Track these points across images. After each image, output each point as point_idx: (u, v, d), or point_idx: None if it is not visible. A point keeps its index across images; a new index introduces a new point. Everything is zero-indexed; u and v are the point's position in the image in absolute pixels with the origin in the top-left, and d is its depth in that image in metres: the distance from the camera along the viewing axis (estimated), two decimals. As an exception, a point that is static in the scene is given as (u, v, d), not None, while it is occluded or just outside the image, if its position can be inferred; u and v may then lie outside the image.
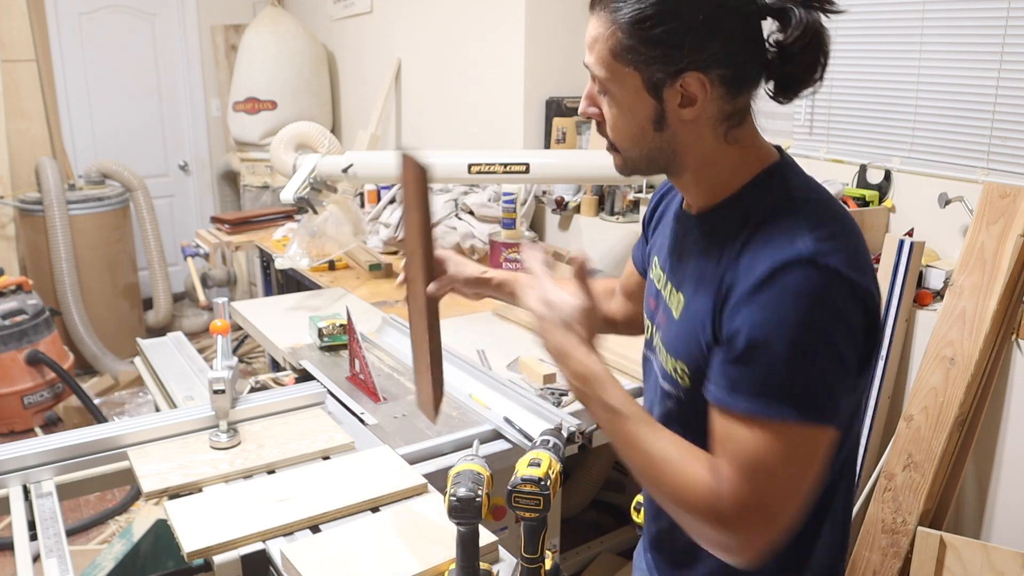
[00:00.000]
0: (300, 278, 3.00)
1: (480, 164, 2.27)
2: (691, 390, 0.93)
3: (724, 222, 0.92)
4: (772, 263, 0.82)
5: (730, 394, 0.84)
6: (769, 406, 0.81)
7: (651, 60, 0.86)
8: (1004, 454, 1.78)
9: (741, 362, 0.83)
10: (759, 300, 0.82)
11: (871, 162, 2.17)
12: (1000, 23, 1.87)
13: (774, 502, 0.83)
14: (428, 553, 1.11)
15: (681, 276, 0.98)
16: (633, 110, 0.90)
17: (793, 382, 0.80)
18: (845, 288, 0.81)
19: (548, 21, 3.01)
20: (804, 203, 0.89)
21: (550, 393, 1.77)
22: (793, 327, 0.80)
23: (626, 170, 0.98)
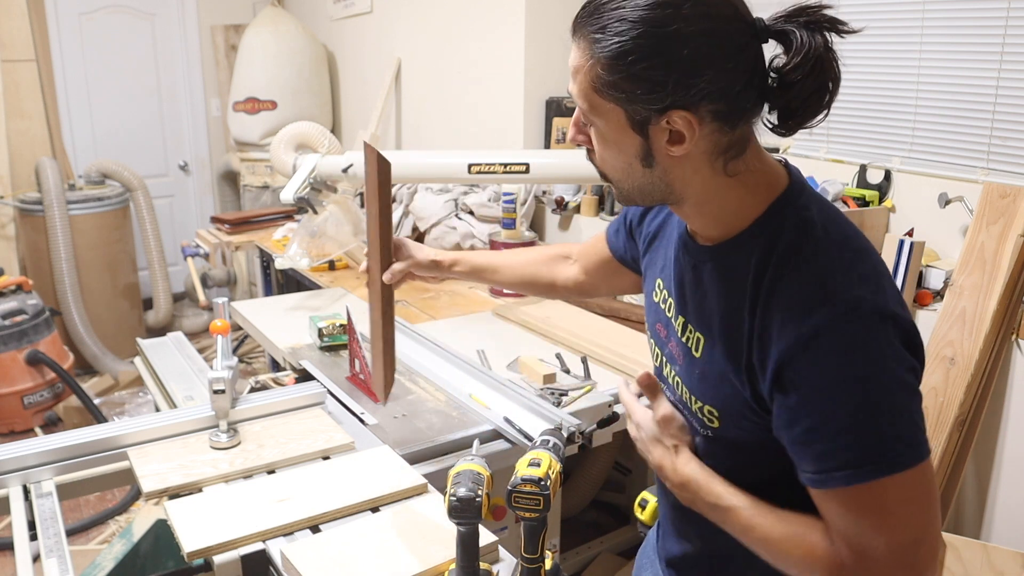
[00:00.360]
0: (300, 278, 3.00)
1: (480, 164, 2.27)
2: (720, 430, 0.92)
3: (742, 259, 0.86)
4: (817, 321, 0.77)
5: (822, 475, 0.79)
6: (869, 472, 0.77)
7: (633, 97, 0.79)
8: (1004, 454, 1.78)
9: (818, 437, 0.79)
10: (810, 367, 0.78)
11: (871, 162, 2.17)
12: (1000, 23, 1.87)
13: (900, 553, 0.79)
14: (428, 553, 1.11)
15: (698, 313, 0.93)
16: (619, 145, 0.85)
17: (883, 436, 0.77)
18: (888, 326, 0.78)
19: (548, 21, 3.01)
20: (826, 237, 0.83)
21: (550, 393, 1.77)
22: (861, 384, 0.76)
23: (623, 200, 0.93)
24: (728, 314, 0.87)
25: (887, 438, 0.77)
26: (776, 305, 0.81)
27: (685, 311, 0.95)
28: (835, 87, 0.82)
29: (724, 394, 0.89)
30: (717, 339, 0.89)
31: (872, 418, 0.76)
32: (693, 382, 0.93)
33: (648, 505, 1.22)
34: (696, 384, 0.93)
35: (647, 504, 1.22)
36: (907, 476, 0.77)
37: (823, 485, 0.80)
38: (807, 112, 0.82)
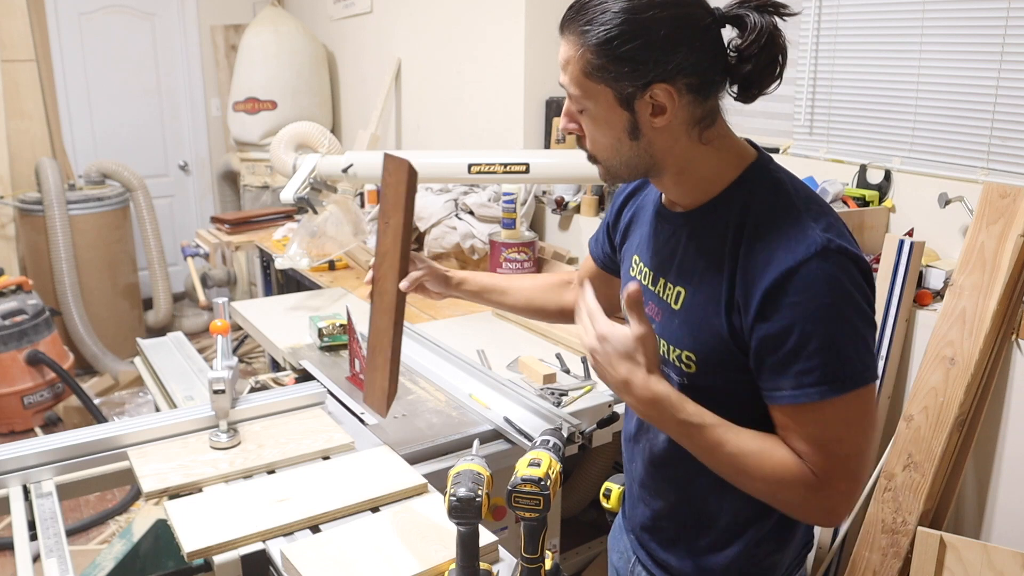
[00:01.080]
0: (300, 278, 3.00)
1: (480, 164, 2.27)
2: (695, 375, 1.01)
3: (719, 218, 0.98)
4: (797, 258, 0.89)
5: (799, 391, 0.91)
6: (838, 387, 0.89)
7: (620, 76, 0.92)
8: (1004, 454, 1.78)
9: (797, 357, 0.90)
10: (793, 296, 0.89)
11: (871, 162, 2.17)
12: (1000, 23, 1.87)
13: (853, 463, 0.92)
14: (428, 553, 1.11)
15: (678, 270, 1.03)
16: (609, 123, 0.97)
17: (847, 355, 0.89)
18: (852, 262, 0.91)
19: (548, 21, 3.01)
20: (796, 195, 0.96)
21: (550, 393, 1.77)
22: (832, 309, 0.89)
23: (609, 178, 1.04)
24: (710, 262, 0.98)
25: (853, 358, 0.90)
26: (759, 248, 0.93)
27: (664, 273, 1.06)
28: (784, 59, 0.95)
29: (704, 337, 0.98)
30: (699, 286, 0.99)
31: (843, 341, 0.89)
32: (672, 332, 1.03)
33: (612, 492, 1.28)
34: (675, 333, 1.02)
35: (611, 492, 1.28)
36: (863, 393, 0.91)
37: (798, 400, 0.91)
38: (763, 82, 0.96)
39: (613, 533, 1.32)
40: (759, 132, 2.52)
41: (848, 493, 0.93)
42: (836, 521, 0.96)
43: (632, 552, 1.21)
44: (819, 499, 0.92)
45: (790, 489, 0.93)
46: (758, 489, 0.95)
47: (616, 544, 1.30)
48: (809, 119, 2.36)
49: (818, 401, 0.90)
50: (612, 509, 1.29)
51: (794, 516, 0.99)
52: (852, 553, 1.88)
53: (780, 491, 0.94)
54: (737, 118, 1.02)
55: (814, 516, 0.97)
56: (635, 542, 1.20)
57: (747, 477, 0.95)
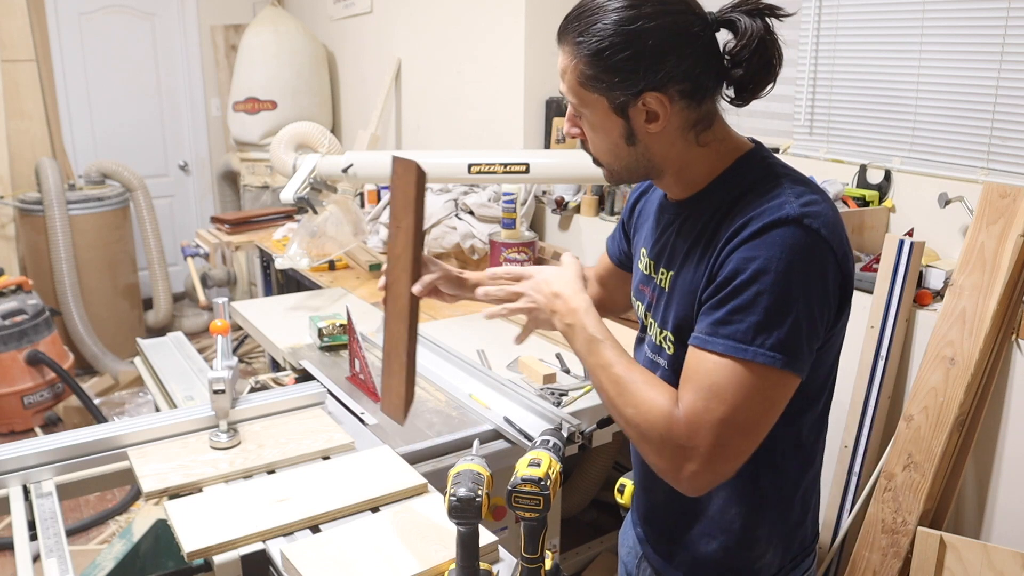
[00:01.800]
0: (300, 278, 3.00)
1: (480, 164, 2.27)
2: (675, 357, 1.02)
3: (707, 203, 1.01)
4: (764, 220, 0.90)
5: (710, 337, 0.91)
6: (744, 350, 0.88)
7: (612, 86, 0.94)
8: (1004, 454, 1.78)
9: (724, 305, 0.90)
10: (748, 249, 0.89)
11: (871, 162, 2.17)
12: (1000, 23, 1.87)
13: (726, 431, 0.89)
14: (428, 553, 1.11)
15: (669, 255, 1.06)
16: (606, 129, 0.99)
17: (770, 328, 0.87)
18: (824, 247, 0.90)
19: (548, 21, 3.01)
20: (784, 175, 0.97)
21: (550, 393, 1.77)
22: (777, 276, 0.87)
23: (612, 180, 1.07)
24: (693, 242, 1.00)
25: (773, 335, 0.87)
26: (734, 216, 0.94)
27: (659, 260, 1.08)
28: (778, 62, 0.96)
29: (680, 315, 1.00)
30: (683, 266, 1.01)
31: (775, 313, 0.87)
32: (660, 314, 1.05)
33: (626, 489, 1.29)
34: (662, 313, 1.05)
35: (625, 488, 1.29)
36: (772, 374, 0.88)
37: (704, 344, 0.91)
38: (757, 85, 0.97)
39: (624, 528, 1.33)
40: (759, 132, 2.52)
41: (706, 461, 0.90)
42: (687, 488, 0.92)
43: (639, 544, 1.22)
44: (675, 451, 0.90)
45: (653, 428, 0.92)
46: (628, 419, 0.95)
47: (625, 540, 1.31)
48: (809, 119, 2.36)
49: (720, 354, 0.89)
50: (625, 504, 1.30)
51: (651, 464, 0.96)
52: (852, 553, 1.88)
53: (644, 426, 0.93)
54: (737, 118, 1.03)
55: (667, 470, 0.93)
56: (641, 535, 1.22)
57: (622, 402, 0.96)
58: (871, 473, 1.89)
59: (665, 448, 0.92)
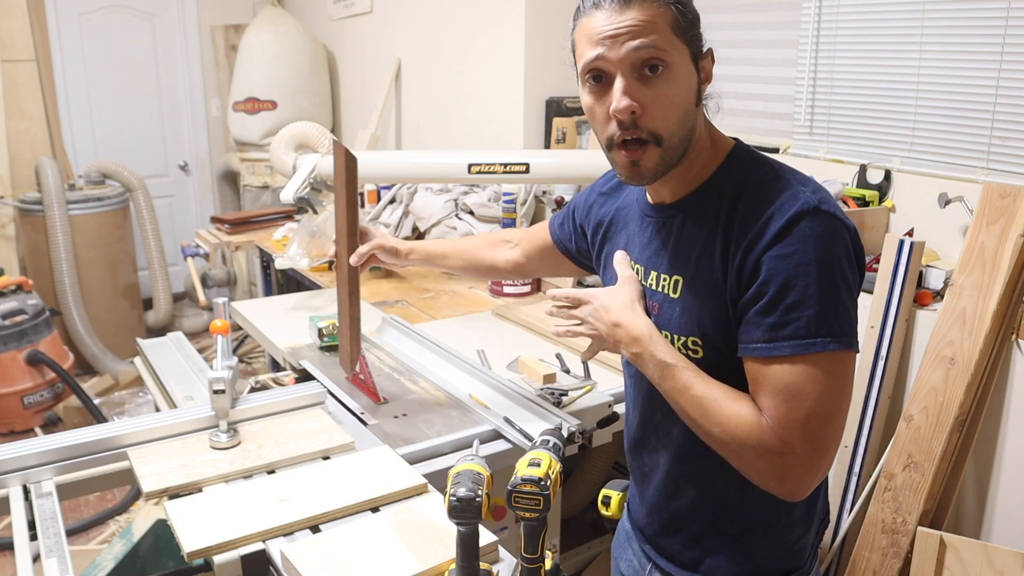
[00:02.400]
0: (300, 278, 3.00)
1: (480, 164, 2.27)
2: (704, 360, 1.00)
3: (711, 201, 1.00)
4: (786, 215, 0.91)
5: (772, 343, 0.91)
6: (811, 344, 0.89)
7: (694, 36, 0.97)
8: (1004, 454, 1.78)
9: (776, 308, 0.90)
10: (781, 247, 0.90)
11: (871, 162, 2.17)
12: (1000, 23, 1.87)
13: (815, 426, 0.90)
14: (428, 553, 1.11)
15: (672, 260, 1.04)
16: (687, 83, 0.97)
17: (826, 315, 0.89)
18: (843, 228, 0.93)
19: (548, 21, 3.01)
20: (780, 168, 0.99)
21: (550, 393, 1.76)
22: (819, 266, 0.89)
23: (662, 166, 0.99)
24: (706, 244, 0.99)
25: (832, 320, 0.90)
26: (752, 217, 0.94)
27: (656, 266, 1.07)
28: None
29: (707, 319, 0.99)
30: (696, 270, 1.00)
31: (824, 300, 0.89)
32: (674, 321, 1.03)
33: (612, 499, 1.27)
34: (677, 320, 1.03)
35: (611, 499, 1.27)
36: (839, 357, 0.90)
37: (769, 353, 0.91)
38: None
39: (618, 542, 1.29)
40: (759, 132, 2.52)
41: (805, 459, 0.90)
42: (791, 491, 0.93)
43: (647, 559, 1.18)
44: (772, 459, 0.91)
45: (744, 442, 0.92)
46: (716, 437, 0.95)
47: (622, 553, 1.27)
48: (809, 119, 2.35)
49: (789, 355, 0.90)
50: (613, 516, 1.27)
51: (750, 478, 0.96)
52: (852, 553, 1.88)
53: (735, 443, 0.93)
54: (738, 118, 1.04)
55: (768, 479, 0.93)
56: (652, 550, 1.17)
57: (707, 422, 0.95)
58: (871, 473, 1.89)
59: (761, 459, 0.92)
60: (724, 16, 2.56)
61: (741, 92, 2.53)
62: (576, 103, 3.01)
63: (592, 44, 0.95)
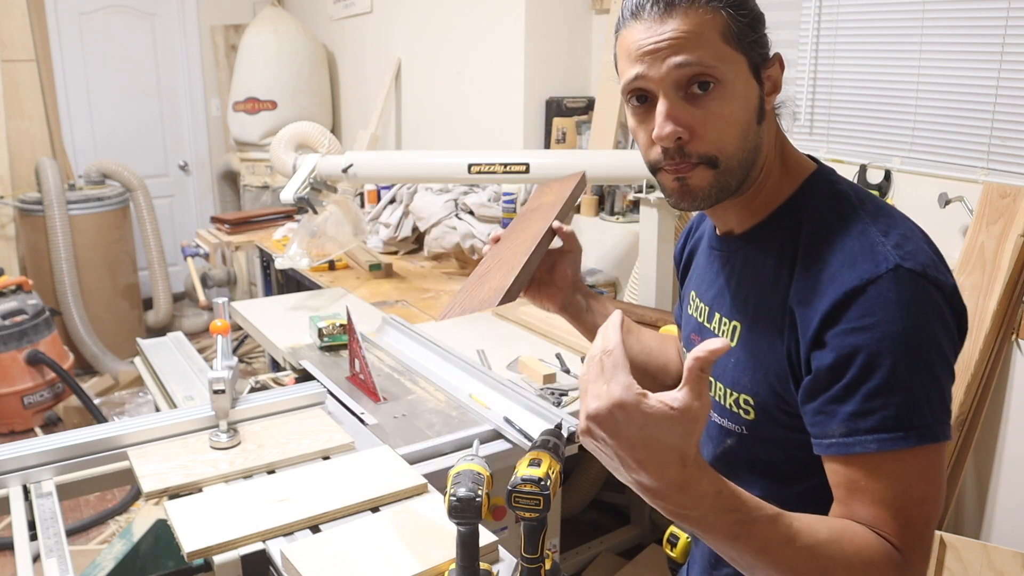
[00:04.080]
0: (300, 278, 3.00)
1: (480, 164, 2.27)
2: (755, 423, 0.88)
3: (774, 235, 0.87)
4: (861, 278, 0.76)
5: (852, 437, 0.75)
6: (903, 438, 0.73)
7: (753, 42, 0.83)
8: (1004, 454, 1.78)
9: (855, 393, 0.75)
10: (855, 321, 0.75)
11: (871, 162, 2.17)
12: (1000, 23, 1.87)
13: (929, 531, 0.76)
14: (428, 553, 1.11)
15: (732, 303, 0.91)
16: (745, 98, 0.83)
17: (917, 401, 0.74)
18: (935, 288, 0.77)
19: (548, 21, 3.01)
20: (861, 206, 0.83)
21: (550, 393, 1.77)
22: (903, 339, 0.73)
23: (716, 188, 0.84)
24: (764, 289, 0.86)
25: (921, 406, 0.74)
26: (816, 266, 0.80)
27: (718, 307, 0.93)
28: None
29: (761, 376, 0.85)
30: (756, 318, 0.86)
31: (912, 381, 0.73)
32: (728, 373, 0.89)
33: (679, 541, 1.12)
34: (731, 373, 0.89)
35: (678, 540, 1.12)
36: (932, 451, 0.74)
37: (850, 450, 0.75)
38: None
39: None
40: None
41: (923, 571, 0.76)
42: None
43: None
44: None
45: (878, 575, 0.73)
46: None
47: None
48: (809, 119, 2.36)
49: (875, 452, 0.74)
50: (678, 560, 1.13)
51: None
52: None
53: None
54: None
55: None
56: None
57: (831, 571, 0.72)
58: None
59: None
60: (724, 16, 2.56)
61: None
62: (576, 103, 3.01)
63: (632, 61, 0.83)
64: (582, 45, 3.07)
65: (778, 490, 0.86)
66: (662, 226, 2.26)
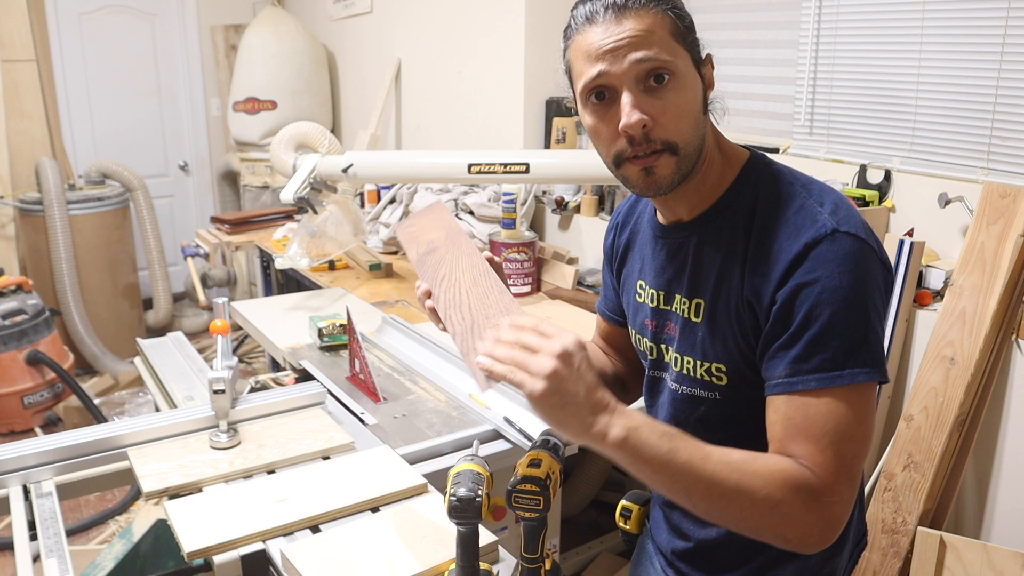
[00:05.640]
0: (300, 278, 3.00)
1: (480, 164, 2.27)
2: (729, 387, 0.95)
3: (727, 219, 0.95)
4: (803, 240, 0.86)
5: (795, 377, 0.85)
6: (839, 376, 0.83)
7: (692, 41, 0.93)
8: (1004, 454, 1.78)
9: (799, 339, 0.85)
10: (800, 275, 0.85)
11: (871, 162, 2.17)
12: (1000, 23, 1.87)
13: (855, 464, 0.84)
14: (428, 553, 1.11)
15: (692, 282, 0.98)
16: (694, 89, 0.92)
17: (854, 344, 0.83)
18: (868, 249, 0.87)
19: (548, 21, 3.01)
20: (798, 184, 0.94)
21: (550, 393, 1.76)
22: (840, 292, 0.84)
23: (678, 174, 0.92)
24: (725, 266, 0.94)
25: (861, 351, 0.83)
26: (766, 241, 0.90)
27: (677, 288, 1.01)
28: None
29: (731, 344, 0.93)
30: (718, 293, 0.94)
31: (851, 329, 0.83)
32: (696, 346, 0.97)
33: (633, 513, 1.18)
34: (700, 346, 0.97)
35: (631, 512, 1.18)
36: (867, 390, 0.84)
37: (793, 388, 0.85)
38: None
39: (639, 560, 1.23)
40: (759, 132, 2.52)
41: (848, 502, 0.84)
42: (831, 538, 0.83)
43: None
44: (822, 508, 0.82)
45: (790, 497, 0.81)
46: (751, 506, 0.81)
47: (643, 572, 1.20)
48: (809, 119, 2.36)
49: (815, 389, 0.83)
50: (633, 531, 1.19)
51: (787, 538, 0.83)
52: (852, 553, 1.88)
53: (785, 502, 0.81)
54: (738, 118, 1.03)
55: (813, 532, 0.83)
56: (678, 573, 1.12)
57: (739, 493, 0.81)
58: (871, 473, 1.89)
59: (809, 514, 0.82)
60: (724, 16, 2.56)
61: (741, 92, 2.53)
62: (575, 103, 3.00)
63: (591, 61, 0.91)
64: (582, 45, 3.07)
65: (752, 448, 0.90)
66: (662, 226, 2.25)
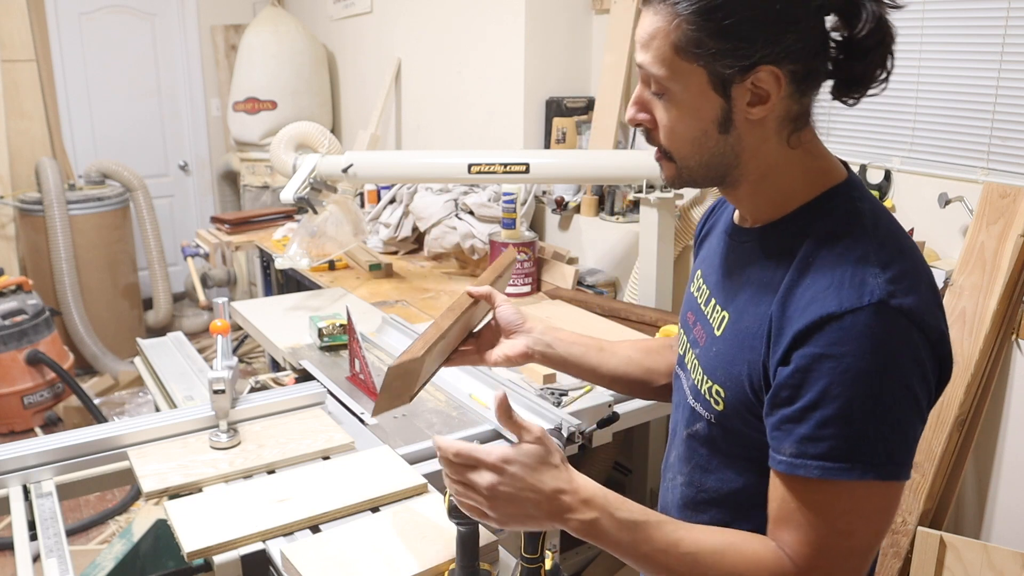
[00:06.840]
0: (300, 278, 3.00)
1: (480, 164, 2.27)
2: (723, 414, 0.88)
3: (785, 238, 0.85)
4: (841, 303, 0.75)
5: (799, 460, 0.76)
6: (847, 470, 0.74)
7: (720, 54, 0.78)
8: (1004, 454, 1.78)
9: (809, 417, 0.75)
10: (824, 347, 0.74)
11: (871, 162, 2.17)
12: (1000, 23, 1.87)
13: (851, 561, 0.77)
14: (428, 553, 1.11)
15: (728, 293, 0.91)
16: (697, 111, 0.83)
17: (872, 437, 0.74)
18: (917, 329, 0.75)
19: (548, 21, 3.01)
20: (873, 230, 0.81)
21: (550, 393, 1.77)
22: (866, 377, 0.73)
23: (678, 181, 0.89)
24: (757, 288, 0.86)
25: (875, 442, 0.74)
26: (804, 282, 0.79)
27: (717, 292, 0.94)
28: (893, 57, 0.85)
29: (735, 373, 0.85)
30: (742, 314, 0.87)
31: (869, 418, 0.73)
32: (708, 361, 0.91)
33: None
34: (710, 362, 0.90)
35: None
36: (875, 487, 0.75)
37: (793, 470, 0.76)
38: (870, 80, 0.85)
39: None
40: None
41: None
42: None
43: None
44: None
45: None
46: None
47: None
48: (809, 119, 2.35)
49: (817, 479, 0.75)
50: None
51: None
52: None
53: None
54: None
55: None
56: None
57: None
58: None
59: None
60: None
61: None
62: (576, 103, 3.01)
63: None
64: (582, 45, 3.07)
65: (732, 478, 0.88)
66: (662, 226, 2.26)
